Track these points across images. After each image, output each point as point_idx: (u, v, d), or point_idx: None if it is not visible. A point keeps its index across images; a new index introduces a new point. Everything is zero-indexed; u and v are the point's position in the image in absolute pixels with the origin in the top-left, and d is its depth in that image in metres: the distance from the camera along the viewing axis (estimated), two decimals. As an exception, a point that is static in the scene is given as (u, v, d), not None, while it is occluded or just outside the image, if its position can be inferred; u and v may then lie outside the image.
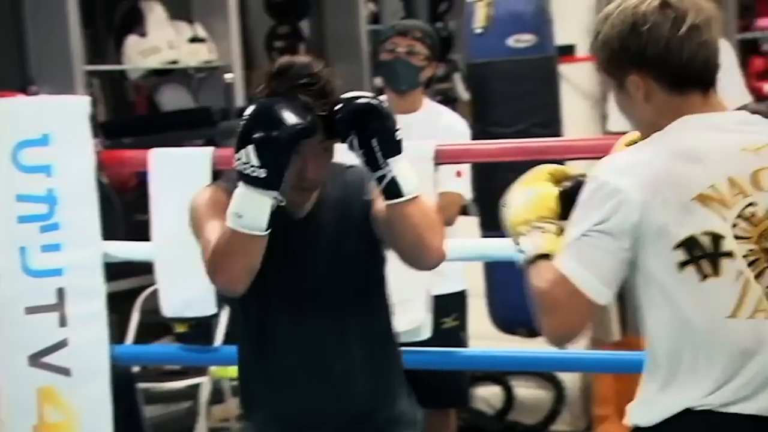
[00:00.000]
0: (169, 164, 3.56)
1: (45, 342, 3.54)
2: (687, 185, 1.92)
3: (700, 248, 1.91)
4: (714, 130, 1.97)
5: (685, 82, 1.98)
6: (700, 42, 1.97)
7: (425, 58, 3.74)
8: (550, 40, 4.31)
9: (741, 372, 1.94)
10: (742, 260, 1.91)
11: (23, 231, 3.52)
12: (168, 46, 5.92)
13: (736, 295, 1.92)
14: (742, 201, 1.92)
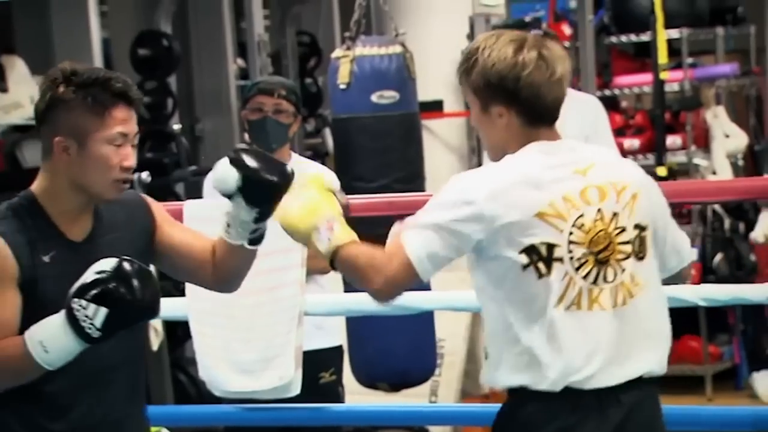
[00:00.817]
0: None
1: None
2: (530, 203, 2.34)
3: (538, 254, 2.34)
4: (552, 155, 2.40)
5: (542, 119, 2.41)
6: (560, 89, 2.40)
7: (291, 114, 3.76)
8: (412, 96, 4.39)
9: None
10: (571, 265, 2.35)
11: None
12: (30, 102, 5.84)
13: (561, 292, 2.35)
14: (575, 214, 2.35)
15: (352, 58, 4.37)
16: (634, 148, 6.75)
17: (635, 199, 2.40)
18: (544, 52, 2.38)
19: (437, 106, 6.27)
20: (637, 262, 2.40)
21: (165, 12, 6.84)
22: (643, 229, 2.41)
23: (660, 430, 2.47)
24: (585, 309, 2.35)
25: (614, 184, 2.39)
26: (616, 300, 2.38)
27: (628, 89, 6.89)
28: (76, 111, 2.32)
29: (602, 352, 2.35)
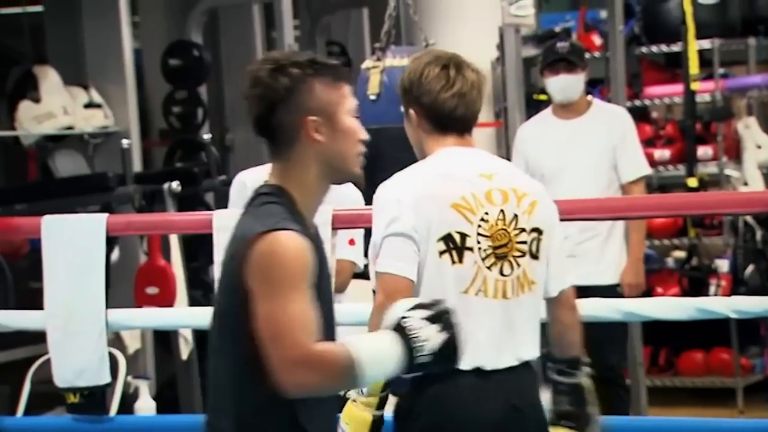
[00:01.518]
0: (61, 231, 3.54)
1: (-69, 415, 3.49)
2: (446, 196, 2.63)
3: (452, 241, 2.61)
4: (460, 160, 2.70)
5: (443, 128, 2.72)
6: (460, 103, 2.70)
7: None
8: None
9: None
10: (479, 255, 2.63)
11: None
12: (63, 112, 5.90)
13: (471, 278, 2.63)
14: (482, 210, 2.64)
15: (383, 68, 4.38)
16: (665, 158, 6.71)
17: (534, 205, 2.70)
18: (449, 71, 2.70)
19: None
20: (532, 260, 2.69)
21: (196, 22, 6.89)
22: (540, 233, 2.70)
23: (540, 409, 2.75)
24: (490, 297, 2.64)
25: (515, 190, 2.69)
26: (512, 292, 2.67)
27: (659, 100, 6.85)
28: (320, 88, 2.27)
29: (499, 337, 2.65)
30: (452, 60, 2.73)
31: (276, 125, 2.26)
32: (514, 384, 2.68)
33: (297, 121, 2.25)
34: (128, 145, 5.72)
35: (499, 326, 2.65)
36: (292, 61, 2.27)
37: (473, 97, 2.72)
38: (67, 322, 3.48)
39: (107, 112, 6.07)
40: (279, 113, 2.25)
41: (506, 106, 5.83)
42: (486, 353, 2.64)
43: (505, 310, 2.66)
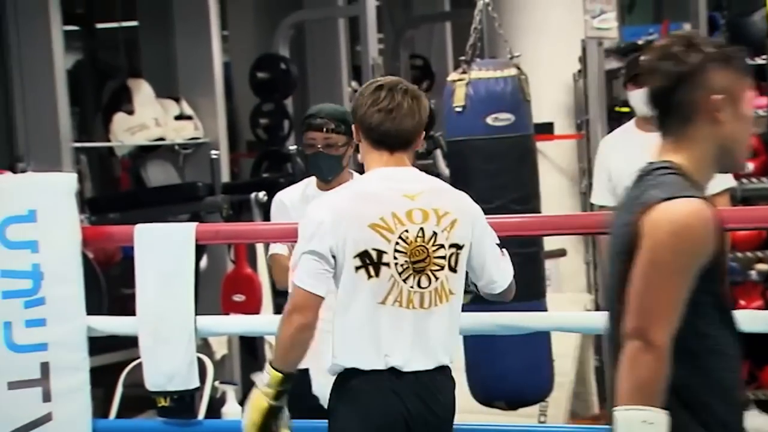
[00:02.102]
0: (152, 239, 3.57)
1: (28, 417, 3.52)
2: (365, 216, 2.82)
3: (369, 258, 2.81)
4: (388, 180, 2.88)
5: (375, 142, 2.89)
6: (386, 119, 2.86)
7: (343, 144, 3.77)
8: (527, 119, 4.35)
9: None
10: (395, 269, 2.83)
11: (7, 306, 3.51)
12: (155, 124, 5.97)
13: (387, 290, 2.82)
14: (401, 228, 2.83)
15: (468, 81, 4.35)
16: (748, 170, 6.58)
17: (454, 224, 2.87)
18: (382, 92, 2.87)
19: (548, 129, 6.21)
20: (450, 273, 2.88)
21: (283, 36, 6.93)
22: (459, 248, 2.88)
23: (451, 410, 2.92)
24: (405, 306, 2.84)
25: (436, 210, 2.87)
26: (430, 303, 2.86)
27: (742, 112, 6.74)
28: (728, 72, 2.24)
29: (414, 342, 2.85)
30: (390, 83, 2.91)
31: (677, 100, 2.24)
32: (429, 384, 2.87)
33: (701, 99, 2.22)
34: (217, 155, 5.77)
35: (414, 333, 2.85)
36: (706, 40, 2.26)
37: (400, 116, 2.87)
38: (157, 328, 3.50)
39: (197, 124, 6.13)
40: (684, 88, 2.22)
41: (588, 118, 5.77)
42: (401, 356, 2.84)
43: (422, 319, 2.86)
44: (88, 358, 3.60)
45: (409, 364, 2.86)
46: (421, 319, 2.86)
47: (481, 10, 4.71)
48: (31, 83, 5.40)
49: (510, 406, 4.01)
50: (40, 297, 3.52)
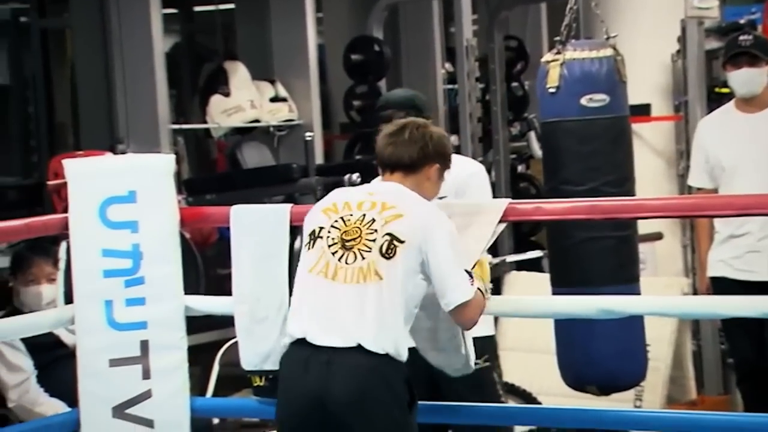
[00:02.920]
0: (248, 220, 3.62)
1: (129, 394, 3.60)
2: (324, 203, 3.25)
3: (313, 234, 3.19)
4: (370, 185, 3.41)
5: (380, 165, 3.31)
6: (391, 146, 3.27)
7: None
8: (623, 100, 4.29)
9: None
10: (327, 241, 3.15)
11: (108, 285, 3.60)
12: (250, 106, 6.04)
13: (315, 260, 3.15)
14: (346, 212, 3.18)
15: (562, 61, 4.31)
16: None
17: (397, 217, 3.13)
18: (396, 128, 3.29)
19: (645, 110, 6.14)
20: (382, 259, 3.09)
21: (377, 18, 6.95)
22: (397, 240, 3.10)
23: (359, 397, 3.01)
24: (329, 278, 3.10)
25: (384, 203, 3.16)
26: (352, 278, 3.08)
27: None
28: None
29: (330, 317, 3.07)
30: (405, 122, 3.33)
31: None
32: (341, 364, 3.04)
33: None
34: (311, 137, 5.81)
35: (335, 306, 3.09)
36: None
37: (399, 142, 3.26)
38: (253, 309, 3.55)
39: (292, 106, 6.18)
40: None
41: (687, 99, 5.69)
42: (315, 327, 3.08)
43: (345, 294, 3.08)
44: (186, 337, 3.67)
45: (320, 338, 3.07)
46: (345, 294, 3.08)
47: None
48: (131, 66, 5.50)
49: (602, 391, 3.99)
50: (140, 276, 3.60)
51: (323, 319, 3.10)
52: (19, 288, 4.40)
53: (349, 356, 3.05)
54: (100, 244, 3.60)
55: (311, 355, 3.08)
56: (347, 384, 3.04)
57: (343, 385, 3.03)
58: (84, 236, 3.62)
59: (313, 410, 3.06)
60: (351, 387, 3.04)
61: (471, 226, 3.35)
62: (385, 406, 3.06)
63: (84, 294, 3.61)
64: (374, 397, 3.05)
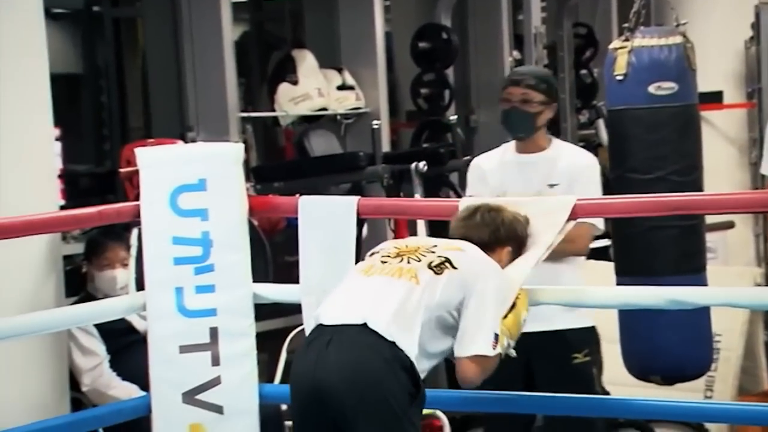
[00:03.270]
0: (316, 212, 3.64)
1: (199, 380, 3.65)
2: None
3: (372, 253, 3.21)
4: None
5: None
6: (462, 228, 3.27)
7: (540, 103, 3.77)
8: (692, 88, 4.25)
9: None
10: (380, 254, 3.16)
11: (178, 272, 3.65)
12: (318, 94, 6.06)
13: (363, 265, 3.17)
14: (412, 241, 3.30)
15: (630, 48, 4.27)
16: None
17: (458, 251, 3.12)
18: (468, 212, 3.29)
19: (717, 98, 6.07)
20: (427, 270, 3.05)
21: (445, 5, 6.94)
22: (450, 264, 3.06)
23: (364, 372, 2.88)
24: (365, 274, 3.10)
25: (449, 243, 3.17)
26: (385, 272, 3.06)
27: None
28: None
29: (350, 299, 3.06)
30: (477, 206, 3.31)
31: None
32: (339, 340, 2.94)
33: None
34: (378, 125, 5.82)
35: (357, 292, 3.07)
36: None
37: (471, 226, 3.25)
38: (320, 300, 3.54)
39: (359, 94, 6.20)
40: None
41: (760, 86, 5.61)
42: (330, 310, 3.05)
43: (372, 282, 3.06)
44: (254, 324, 3.71)
45: (330, 320, 3.02)
46: (369, 283, 3.06)
47: (648, -25, 4.62)
48: (201, 55, 5.55)
49: (666, 381, 3.96)
50: (210, 264, 3.65)
51: (341, 303, 3.07)
52: (93, 272, 4.46)
53: (350, 331, 2.95)
54: (171, 231, 3.65)
55: (317, 337, 3.00)
56: (340, 359, 2.90)
57: (335, 360, 2.90)
58: (155, 224, 3.67)
59: (309, 393, 2.92)
60: (343, 361, 2.89)
61: (536, 227, 3.32)
62: (380, 387, 2.87)
63: (155, 281, 3.66)
64: (368, 375, 2.88)
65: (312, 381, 2.91)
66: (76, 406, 4.20)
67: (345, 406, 2.86)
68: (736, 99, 6.13)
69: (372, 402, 2.86)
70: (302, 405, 2.96)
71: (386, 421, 2.86)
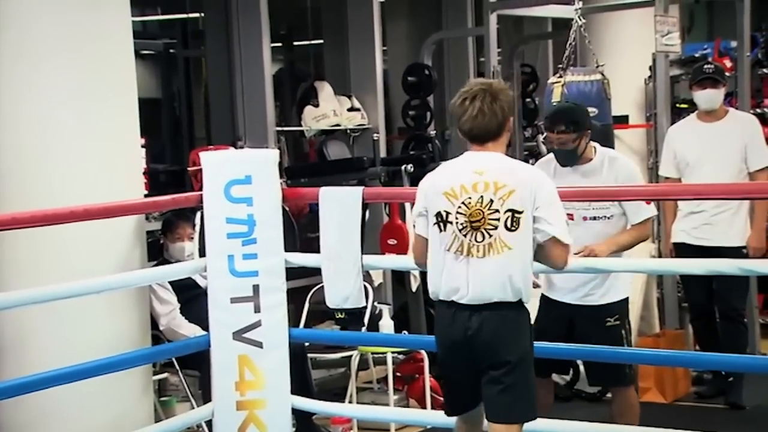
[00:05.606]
0: (332, 199, 3.60)
1: (245, 323, 3.62)
2: (442, 185, 2.88)
3: (440, 216, 2.86)
4: (468, 160, 2.89)
5: (469, 139, 2.89)
6: (474, 125, 2.84)
7: (575, 139, 3.51)
8: (608, 112, 4.24)
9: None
10: (456, 225, 2.84)
11: (230, 244, 3.61)
12: (333, 114, 6.01)
13: (450, 240, 2.85)
14: (465, 196, 2.84)
15: (564, 83, 4.26)
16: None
17: (510, 193, 2.80)
18: (466, 102, 2.83)
19: (624, 120, 6.04)
20: (506, 231, 2.80)
21: (428, 49, 6.89)
22: (516, 212, 2.80)
23: (501, 337, 2.82)
24: (464, 254, 2.83)
25: (496, 182, 2.81)
26: (483, 252, 2.81)
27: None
28: None
29: (468, 281, 2.82)
30: (473, 93, 2.84)
31: None
32: (477, 315, 2.81)
33: None
34: (377, 138, 5.78)
35: (470, 275, 2.81)
36: None
37: (485, 121, 2.83)
38: (335, 263, 3.54)
39: (363, 114, 6.14)
40: None
41: (656, 112, 5.56)
42: (459, 292, 2.83)
43: (475, 265, 2.81)
44: (285, 282, 3.67)
45: (463, 298, 2.83)
46: (476, 265, 2.81)
47: (575, 30, 4.61)
48: (248, 84, 5.50)
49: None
50: (254, 238, 3.61)
51: (464, 284, 2.84)
52: (168, 244, 4.42)
53: (485, 311, 2.83)
54: (225, 214, 3.61)
55: (456, 311, 2.86)
56: (486, 330, 2.82)
57: (484, 331, 2.82)
58: (214, 208, 3.63)
59: (460, 349, 2.87)
60: (490, 330, 2.83)
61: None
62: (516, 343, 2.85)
63: (213, 250, 3.62)
64: (507, 337, 2.84)
65: (464, 343, 2.84)
66: (156, 341, 4.16)
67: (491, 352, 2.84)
68: (638, 121, 6.10)
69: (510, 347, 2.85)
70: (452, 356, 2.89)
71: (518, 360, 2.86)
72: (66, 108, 3.60)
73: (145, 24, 8.97)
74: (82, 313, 3.57)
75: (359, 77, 6.14)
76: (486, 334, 2.82)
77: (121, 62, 3.73)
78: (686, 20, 7.09)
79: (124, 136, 3.77)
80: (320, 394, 4.36)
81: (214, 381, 3.64)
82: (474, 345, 2.83)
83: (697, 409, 4.75)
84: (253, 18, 5.38)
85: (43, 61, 3.57)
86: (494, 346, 2.83)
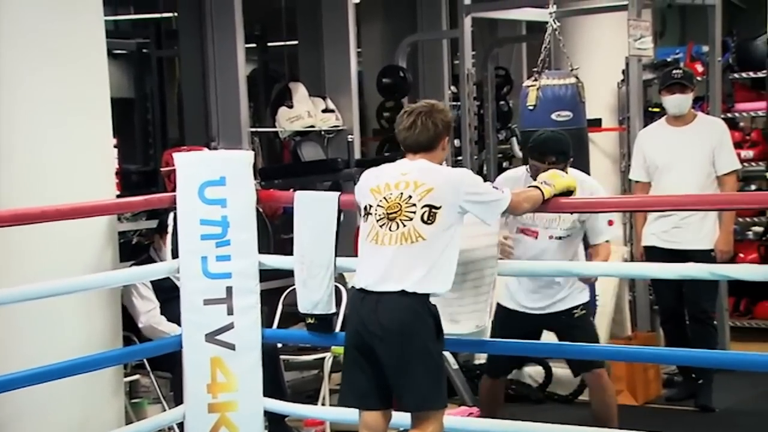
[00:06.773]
0: (307, 203, 3.59)
1: (217, 324, 3.60)
2: (369, 183, 3.13)
3: (366, 209, 3.10)
4: (400, 165, 3.13)
5: (401, 145, 3.15)
6: (405, 129, 3.11)
7: (562, 168, 3.48)
8: (582, 115, 4.26)
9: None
10: (375, 217, 3.06)
11: (204, 245, 3.59)
12: (308, 115, 5.99)
13: (368, 231, 3.06)
14: (387, 192, 3.07)
15: (539, 86, 4.27)
16: (749, 157, 6.36)
17: (429, 191, 3.00)
18: (407, 114, 3.12)
19: (598, 123, 6.07)
20: (423, 224, 2.99)
21: (402, 52, 6.89)
22: (435, 208, 2.99)
23: (409, 327, 2.95)
24: (378, 244, 3.01)
25: (416, 181, 3.03)
26: (397, 241, 2.98)
27: (746, 113, 6.50)
28: None
29: (383, 269, 2.97)
30: (414, 109, 3.12)
31: None
32: (387, 303, 2.94)
33: None
34: (352, 139, 5.77)
35: (385, 263, 2.97)
36: None
37: (416, 133, 3.09)
38: (308, 267, 3.53)
39: (338, 116, 6.14)
40: None
41: (629, 116, 5.61)
42: (371, 280, 2.98)
43: (392, 254, 2.98)
44: (259, 284, 3.65)
45: (376, 287, 2.97)
46: (392, 254, 2.97)
47: (550, 33, 4.63)
48: (222, 85, 5.48)
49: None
50: (228, 239, 3.59)
51: (376, 273, 3.00)
52: (160, 243, 4.35)
53: (392, 297, 2.96)
54: (199, 215, 3.60)
55: (365, 297, 3.00)
56: (389, 316, 2.95)
57: (386, 316, 2.95)
58: (187, 209, 3.61)
59: (364, 334, 2.99)
60: (392, 317, 2.95)
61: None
62: (417, 333, 2.96)
63: (186, 251, 3.61)
64: (409, 325, 2.95)
65: (367, 328, 2.97)
66: (127, 342, 4.12)
67: (393, 348, 2.95)
68: (611, 124, 6.14)
69: (413, 343, 2.95)
70: (357, 342, 3.02)
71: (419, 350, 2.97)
72: (38, 109, 3.57)
73: (117, 23, 8.89)
74: (53, 313, 3.54)
75: (334, 78, 6.13)
76: (390, 321, 2.94)
77: (93, 62, 3.70)
78: (659, 25, 7.14)
79: (96, 136, 3.74)
80: (293, 396, 4.35)
81: (186, 383, 3.62)
82: (376, 332, 2.95)
83: (668, 411, 4.79)
84: (227, 18, 5.36)
85: (14, 61, 3.53)
86: (395, 334, 2.94)
